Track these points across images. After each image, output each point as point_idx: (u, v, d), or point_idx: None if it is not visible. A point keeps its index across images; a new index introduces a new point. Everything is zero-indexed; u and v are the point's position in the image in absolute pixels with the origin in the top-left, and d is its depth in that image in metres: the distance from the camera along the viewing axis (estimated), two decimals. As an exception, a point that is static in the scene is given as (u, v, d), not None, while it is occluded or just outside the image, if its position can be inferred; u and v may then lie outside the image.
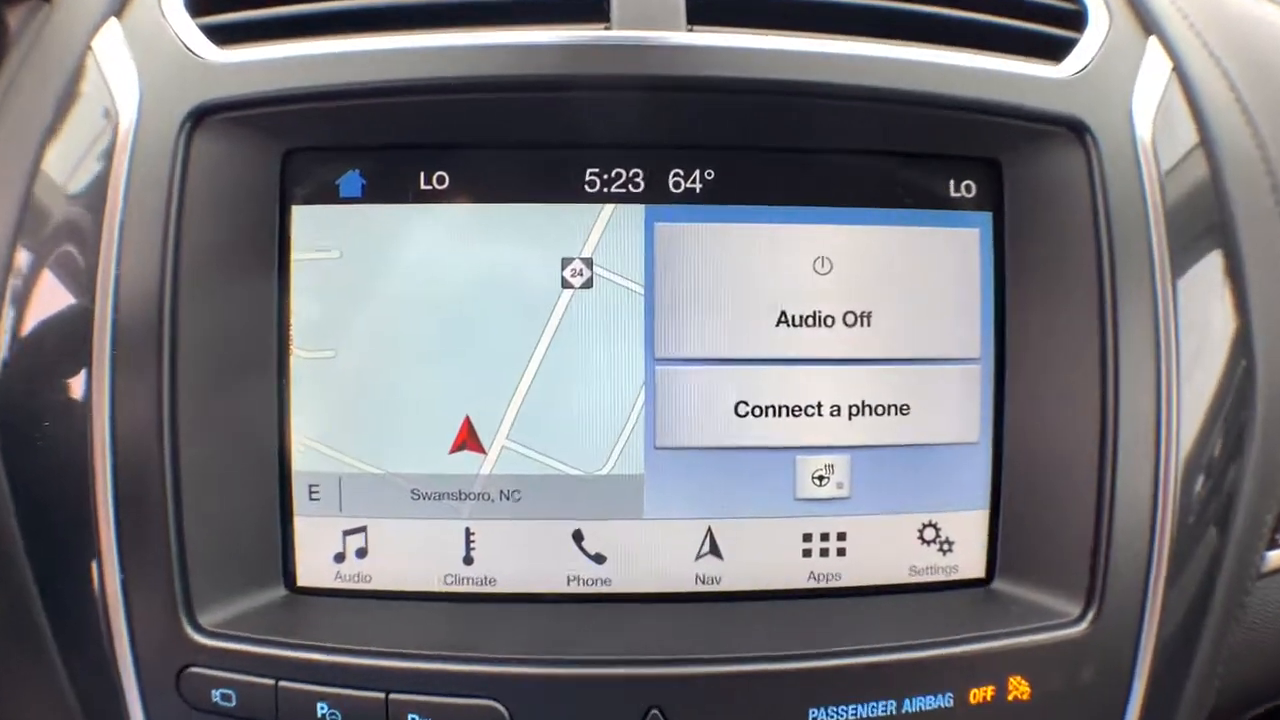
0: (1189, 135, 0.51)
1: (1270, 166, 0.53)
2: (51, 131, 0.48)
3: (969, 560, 0.51)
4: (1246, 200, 0.51)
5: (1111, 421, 0.47)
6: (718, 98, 0.47)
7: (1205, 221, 0.50)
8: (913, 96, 0.47)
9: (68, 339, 0.45)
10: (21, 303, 0.46)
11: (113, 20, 0.49)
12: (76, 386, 0.45)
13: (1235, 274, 0.50)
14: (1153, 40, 0.51)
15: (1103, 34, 0.51)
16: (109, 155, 0.46)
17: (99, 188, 0.46)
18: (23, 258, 0.47)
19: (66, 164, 0.47)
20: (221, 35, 0.48)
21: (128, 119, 0.46)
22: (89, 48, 0.48)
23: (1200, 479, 0.49)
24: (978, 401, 0.50)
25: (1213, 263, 0.50)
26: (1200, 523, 0.49)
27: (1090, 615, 0.47)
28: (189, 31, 0.48)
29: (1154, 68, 0.51)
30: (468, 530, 0.49)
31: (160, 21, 0.48)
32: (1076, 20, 0.52)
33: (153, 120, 0.46)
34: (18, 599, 0.47)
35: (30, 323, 0.46)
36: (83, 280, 0.45)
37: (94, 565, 0.45)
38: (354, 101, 0.47)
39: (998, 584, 0.51)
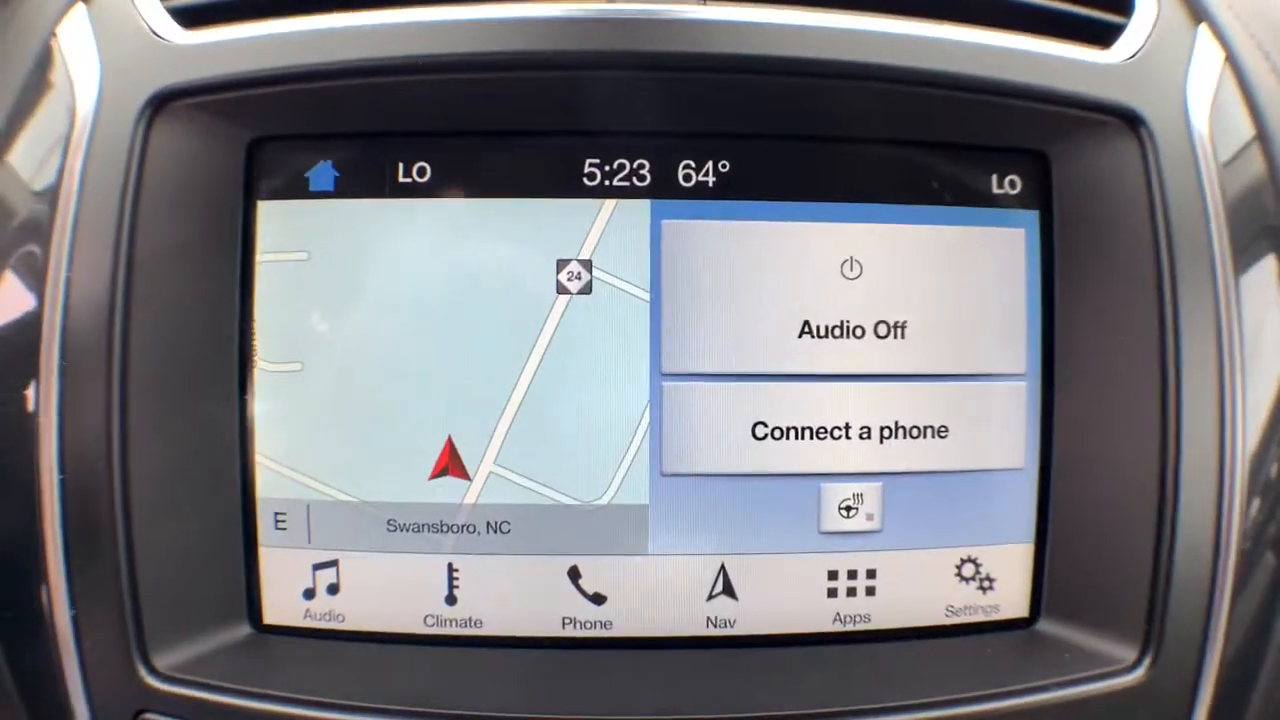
0: (1245, 129, 0.48)
1: None
2: (12, 122, 0.45)
3: (1011, 599, 0.47)
4: None
5: (1173, 443, 0.44)
6: (734, 79, 0.44)
7: (1263, 222, 0.47)
8: (954, 80, 0.44)
9: (16, 348, 0.42)
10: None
11: (79, 6, 0.46)
12: (24, 400, 0.42)
13: None
14: (1203, 28, 0.48)
15: (1151, 19, 0.48)
16: (66, 146, 0.43)
17: (55, 181, 0.43)
18: None
19: (26, 156, 0.44)
20: (190, 18, 0.45)
21: (86, 107, 0.43)
22: (54, 34, 0.46)
23: (1258, 501, 0.45)
24: (1024, 422, 0.47)
25: (1270, 267, 0.47)
26: (1258, 548, 0.45)
27: (1147, 660, 0.44)
28: (155, 14, 0.45)
29: (1206, 56, 0.48)
30: (450, 566, 0.45)
31: (127, 5, 0.45)
32: (1122, 5, 0.49)
33: (112, 108, 0.43)
34: None
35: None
36: (34, 284, 0.42)
37: (44, 599, 0.42)
38: (325, 84, 0.43)
39: (1043, 625, 0.47)
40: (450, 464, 0.45)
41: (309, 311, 0.45)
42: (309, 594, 0.45)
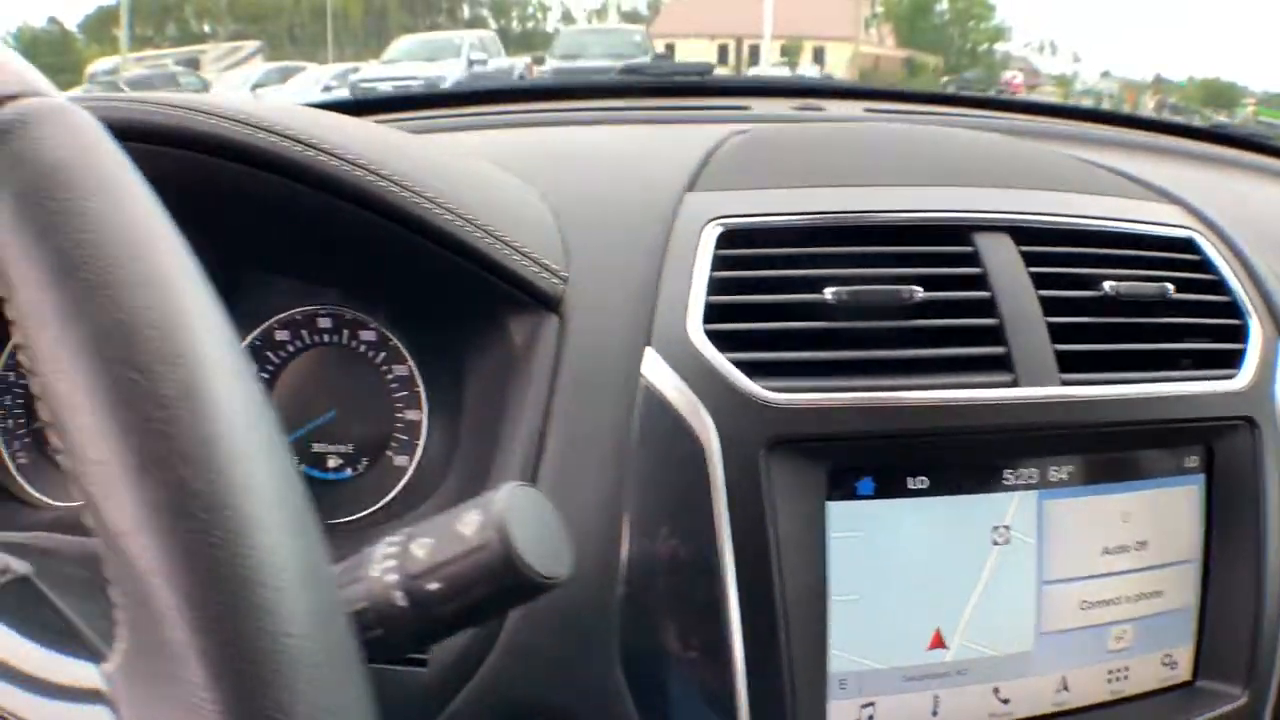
0: None
1: None
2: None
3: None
4: None
5: None
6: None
7: None
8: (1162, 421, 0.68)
9: None
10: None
11: (650, 350, 0.60)
12: None
13: None
14: None
15: (1259, 344, 0.67)
16: (701, 484, 0.58)
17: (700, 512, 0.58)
18: None
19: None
20: (753, 368, 0.59)
21: (713, 453, 0.58)
22: (641, 374, 0.59)
23: None
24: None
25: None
26: None
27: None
28: (726, 368, 0.59)
29: None
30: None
31: (694, 353, 0.59)
32: (1238, 332, 0.69)
33: (732, 450, 0.58)
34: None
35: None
36: None
37: None
38: (883, 442, 0.64)
39: (1201, 684, 0.67)
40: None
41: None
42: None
